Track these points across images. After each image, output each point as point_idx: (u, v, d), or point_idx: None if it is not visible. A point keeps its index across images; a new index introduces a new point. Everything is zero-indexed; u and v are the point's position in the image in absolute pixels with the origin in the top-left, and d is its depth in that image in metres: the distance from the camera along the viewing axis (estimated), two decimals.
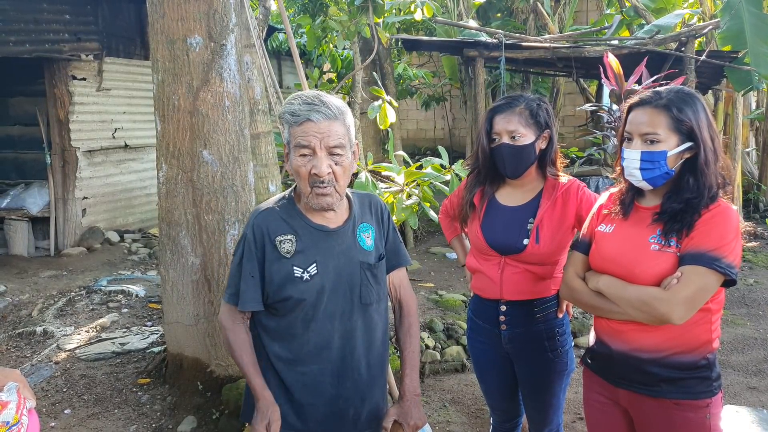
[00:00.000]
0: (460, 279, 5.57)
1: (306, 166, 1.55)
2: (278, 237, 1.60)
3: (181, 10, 2.79)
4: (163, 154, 2.97)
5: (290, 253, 1.59)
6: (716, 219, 1.51)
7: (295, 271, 1.59)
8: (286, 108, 1.57)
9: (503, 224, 2.05)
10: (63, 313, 4.73)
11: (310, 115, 1.53)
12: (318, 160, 1.53)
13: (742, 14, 5.69)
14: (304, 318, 1.62)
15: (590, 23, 10.08)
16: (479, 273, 2.12)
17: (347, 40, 6.11)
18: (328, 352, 1.64)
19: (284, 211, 1.65)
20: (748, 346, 4.19)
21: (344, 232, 1.66)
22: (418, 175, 3.59)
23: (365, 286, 1.67)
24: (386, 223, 1.78)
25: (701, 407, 1.56)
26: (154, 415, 3.10)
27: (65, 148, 6.49)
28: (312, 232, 1.63)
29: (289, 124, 1.56)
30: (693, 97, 1.59)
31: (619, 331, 1.62)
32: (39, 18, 6.14)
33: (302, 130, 1.54)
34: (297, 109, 1.54)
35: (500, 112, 1.98)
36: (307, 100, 1.55)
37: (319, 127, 1.53)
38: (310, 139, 1.53)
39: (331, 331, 1.64)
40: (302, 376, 1.63)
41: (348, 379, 1.67)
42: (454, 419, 3.24)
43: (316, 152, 1.53)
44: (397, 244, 1.81)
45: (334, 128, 1.54)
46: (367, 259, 1.68)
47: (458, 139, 12.45)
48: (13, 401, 1.34)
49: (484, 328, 2.13)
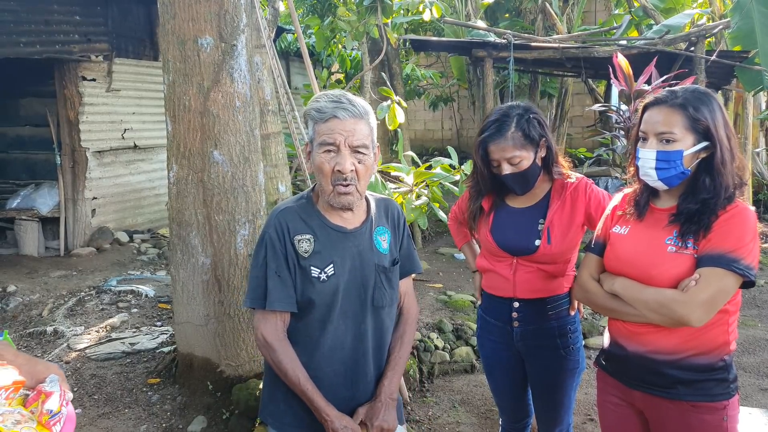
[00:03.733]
0: (469, 280, 5.56)
1: (330, 162, 1.54)
2: (297, 236, 1.59)
3: (191, 11, 2.80)
4: (174, 154, 2.98)
5: (308, 252, 1.58)
6: (734, 220, 1.50)
7: (312, 271, 1.58)
8: (312, 105, 1.57)
9: (514, 226, 2.05)
10: (73, 313, 4.76)
11: (336, 113, 1.52)
12: (342, 158, 1.53)
13: (753, 14, 5.65)
14: (320, 319, 1.61)
15: (599, 23, 10.04)
16: (491, 272, 2.12)
17: (356, 40, 6.11)
18: (342, 353, 1.63)
19: (303, 210, 1.64)
20: (760, 347, 4.16)
21: (361, 234, 1.66)
22: (427, 176, 3.59)
23: (378, 288, 1.66)
24: (401, 229, 1.78)
25: (718, 409, 1.54)
26: (164, 415, 3.11)
27: (75, 148, 6.53)
28: (330, 232, 1.62)
29: (315, 120, 1.56)
30: (709, 96, 1.58)
31: (636, 333, 1.61)
32: (49, 19, 6.18)
33: (328, 127, 1.53)
34: (323, 106, 1.54)
35: (492, 141, 1.94)
36: (334, 98, 1.55)
37: (344, 124, 1.53)
38: (336, 137, 1.52)
39: (345, 332, 1.63)
40: (317, 379, 1.61)
41: (360, 381, 1.67)
42: (463, 420, 3.23)
43: (341, 149, 1.53)
44: (411, 251, 1.81)
45: (359, 127, 1.54)
46: (382, 261, 1.68)
47: (466, 139, 12.43)
48: (57, 392, 1.42)
49: (496, 325, 2.13)
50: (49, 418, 1.39)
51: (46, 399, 1.42)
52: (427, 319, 4.28)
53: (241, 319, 3.04)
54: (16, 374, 1.42)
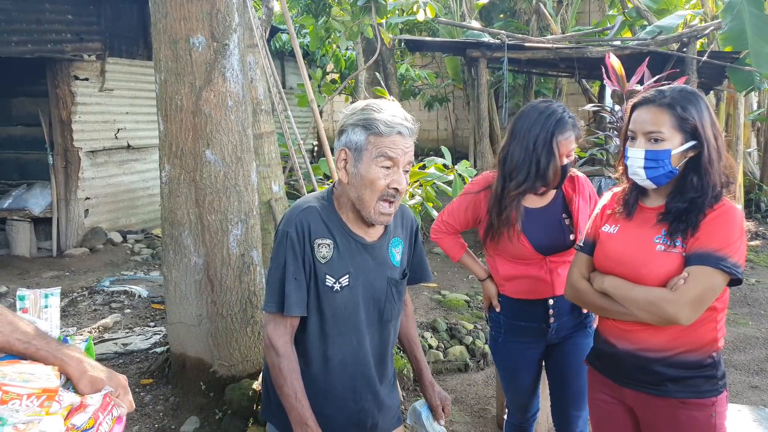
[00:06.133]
0: (464, 279, 5.58)
1: (386, 178, 1.50)
2: (318, 240, 1.54)
3: (183, 10, 2.79)
4: (166, 154, 2.97)
5: (325, 259, 1.53)
6: (721, 218, 1.51)
7: (327, 280, 1.53)
8: (373, 115, 1.51)
9: (542, 227, 2.09)
10: (66, 313, 4.74)
11: (401, 129, 1.49)
12: (399, 175, 1.51)
13: (744, 15, 5.69)
14: (330, 332, 1.58)
15: (593, 24, 10.09)
16: (520, 278, 2.11)
17: (350, 40, 6.12)
18: (352, 368, 1.61)
19: (325, 212, 1.58)
20: (750, 345, 4.19)
21: (380, 247, 1.62)
22: (421, 175, 3.60)
23: (389, 302, 1.64)
24: (415, 237, 1.76)
25: (707, 406, 1.55)
26: (156, 415, 3.10)
27: (68, 148, 6.50)
28: (350, 241, 1.58)
29: (375, 133, 1.49)
30: (696, 95, 1.59)
31: (625, 330, 1.62)
32: (41, 18, 6.15)
33: (392, 141, 1.49)
34: (390, 120, 1.49)
35: (562, 134, 2.00)
36: (393, 113, 1.51)
37: (405, 142, 1.51)
38: (398, 152, 1.49)
39: (357, 347, 1.61)
40: (322, 392, 1.59)
41: (369, 393, 1.65)
42: (457, 419, 3.24)
43: (398, 166, 1.51)
44: (423, 259, 1.79)
45: (412, 146, 1.54)
46: (394, 275, 1.65)
47: (461, 139, 12.46)
48: (93, 406, 1.21)
49: (528, 327, 2.15)
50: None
51: (80, 411, 1.20)
52: (421, 319, 4.29)
53: (234, 319, 3.03)
54: (54, 380, 1.19)
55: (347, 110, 1.59)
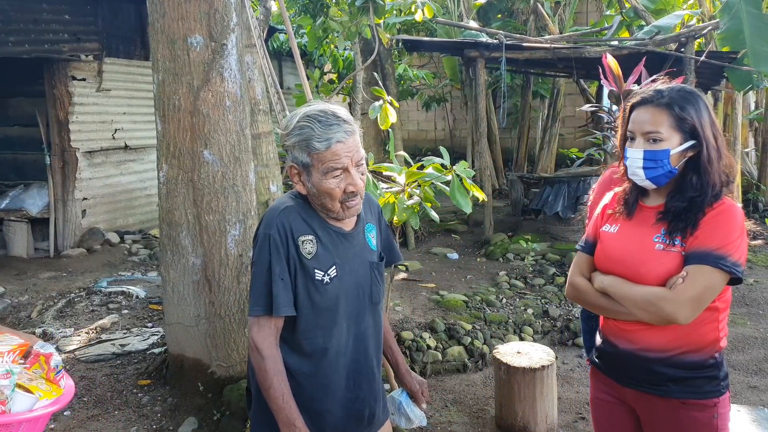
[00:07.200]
0: (462, 279, 5.57)
1: (339, 186, 1.52)
2: (301, 237, 1.56)
3: (181, 10, 2.78)
4: (164, 154, 2.97)
5: (311, 254, 1.55)
6: (721, 217, 1.51)
7: (316, 273, 1.55)
8: (308, 133, 1.50)
9: None
10: (63, 314, 4.72)
11: (339, 137, 1.49)
12: (352, 177, 1.52)
13: (741, 14, 5.69)
14: (323, 324, 1.59)
15: (590, 24, 10.10)
16: None
17: (348, 40, 6.11)
18: (346, 357, 1.62)
19: (303, 210, 1.60)
20: (749, 345, 4.20)
21: (357, 234, 1.66)
22: (419, 175, 3.58)
23: (375, 285, 1.68)
24: (383, 221, 1.81)
25: (709, 407, 1.55)
26: (154, 416, 3.09)
27: (65, 148, 6.48)
28: (330, 233, 1.61)
29: (315, 151, 1.50)
30: (695, 95, 1.58)
31: (626, 330, 1.62)
32: (38, 18, 6.13)
33: (333, 153, 1.49)
34: (321, 134, 1.48)
35: None
36: (327, 121, 1.50)
37: (347, 146, 1.51)
38: (344, 161, 1.50)
39: (347, 335, 1.62)
40: (321, 386, 1.60)
41: (363, 381, 1.66)
42: (455, 419, 3.23)
43: (349, 170, 1.52)
44: (391, 241, 1.84)
45: (356, 142, 1.53)
46: (374, 258, 1.69)
47: (459, 140, 12.45)
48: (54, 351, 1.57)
49: None
50: (56, 373, 1.53)
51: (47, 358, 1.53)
52: (419, 319, 4.28)
53: (232, 320, 3.03)
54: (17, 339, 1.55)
55: (284, 126, 1.59)
